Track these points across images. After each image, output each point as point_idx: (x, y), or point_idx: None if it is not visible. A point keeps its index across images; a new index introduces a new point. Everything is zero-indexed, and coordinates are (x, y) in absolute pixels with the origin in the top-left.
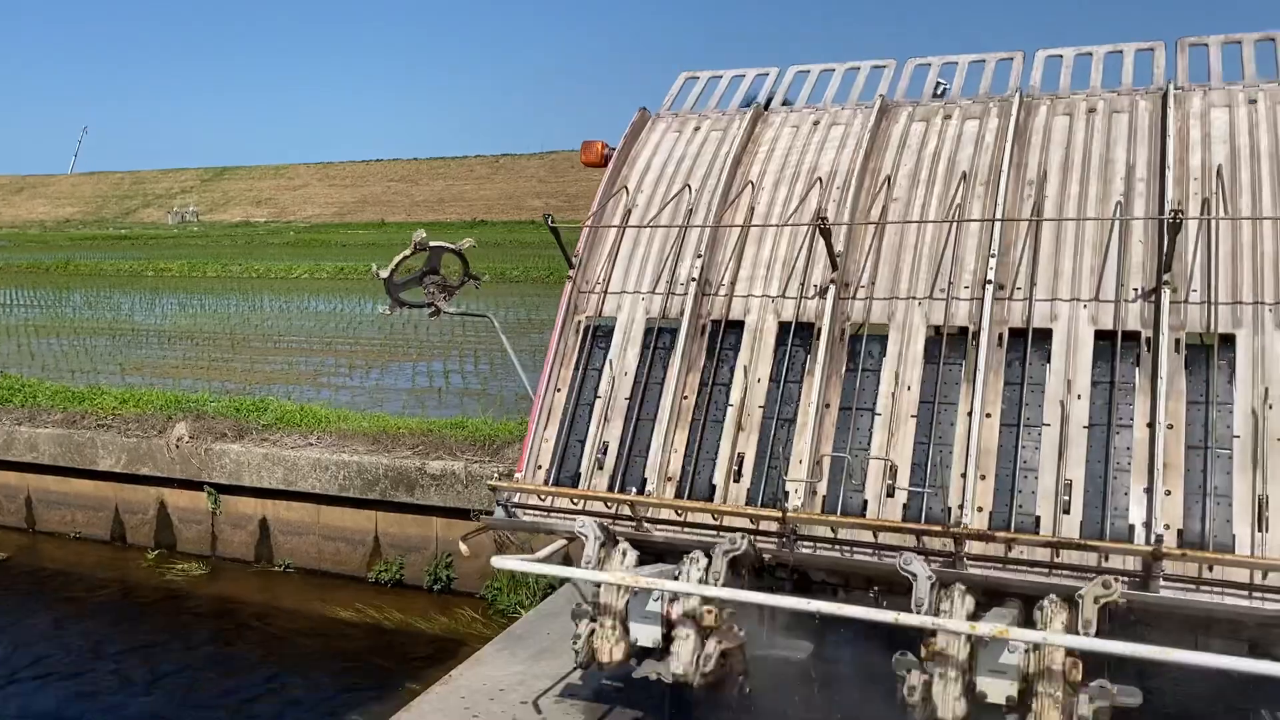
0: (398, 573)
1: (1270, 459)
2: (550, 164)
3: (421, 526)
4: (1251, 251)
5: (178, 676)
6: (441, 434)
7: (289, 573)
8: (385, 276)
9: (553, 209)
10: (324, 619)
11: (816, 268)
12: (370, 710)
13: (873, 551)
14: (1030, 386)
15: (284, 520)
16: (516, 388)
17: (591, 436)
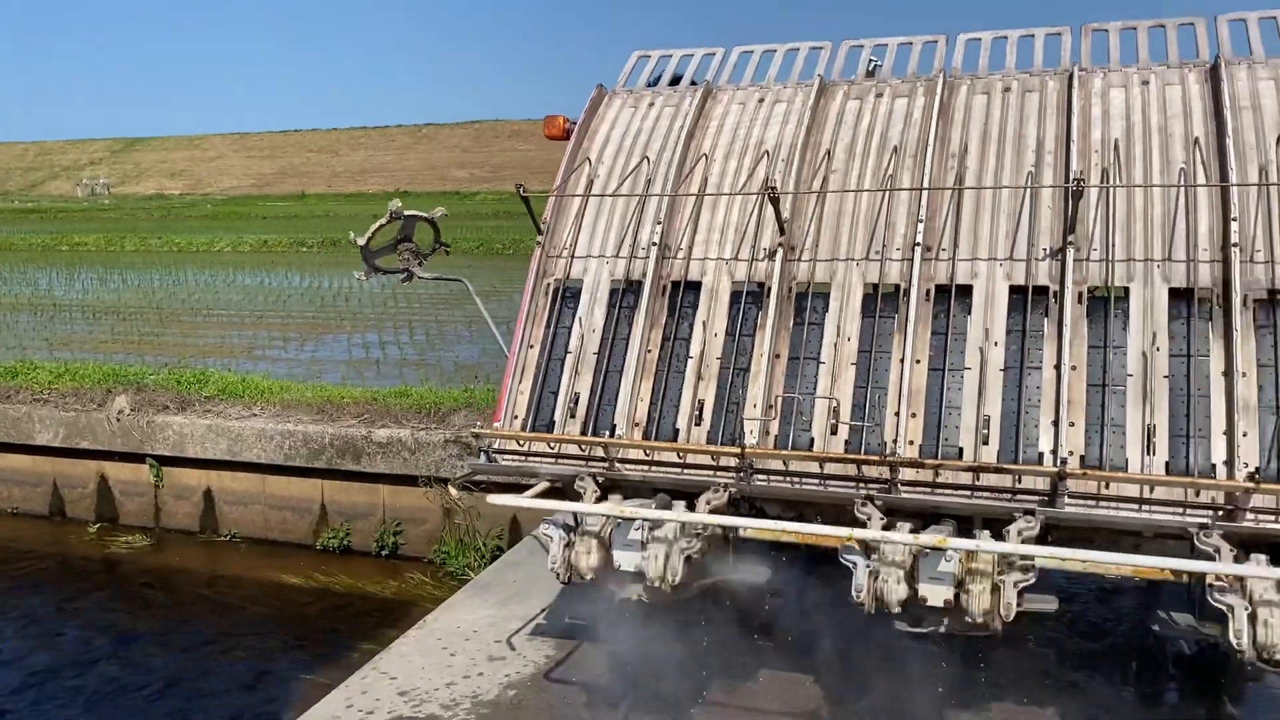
0: (345, 539)
1: (1157, 394)
2: (475, 134)
3: (368, 494)
4: (1143, 215)
5: (126, 645)
6: (386, 403)
7: (235, 542)
8: (362, 244)
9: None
10: (273, 585)
11: (765, 233)
12: (326, 670)
13: (819, 482)
14: (954, 336)
15: (229, 491)
16: (454, 357)
17: (564, 388)
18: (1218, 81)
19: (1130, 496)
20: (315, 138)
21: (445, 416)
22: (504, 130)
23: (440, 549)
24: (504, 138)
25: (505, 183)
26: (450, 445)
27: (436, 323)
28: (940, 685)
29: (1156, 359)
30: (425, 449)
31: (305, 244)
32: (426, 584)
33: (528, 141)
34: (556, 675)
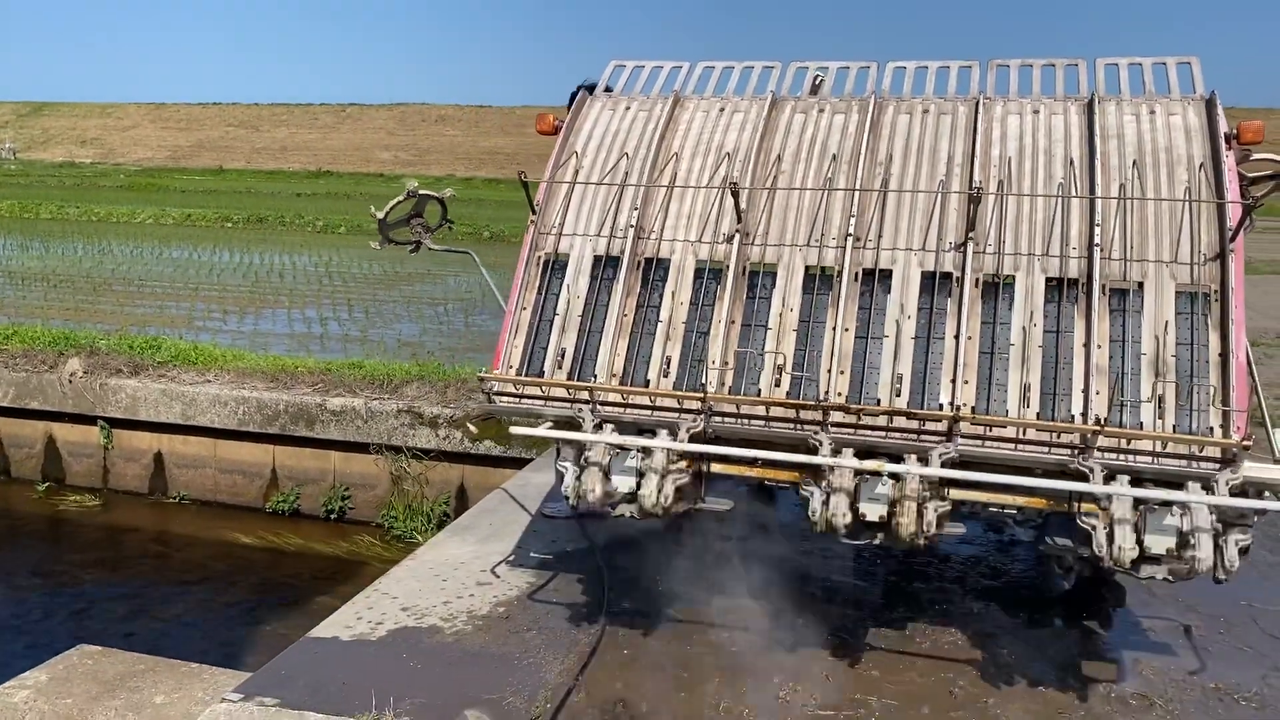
0: (294, 503)
1: (1032, 359)
2: (400, 116)
3: (319, 460)
4: (1028, 219)
5: (77, 599)
6: (340, 373)
7: (184, 504)
8: (381, 218)
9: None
10: (224, 544)
11: (725, 221)
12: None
13: (765, 424)
14: (876, 310)
15: (180, 454)
16: (396, 335)
17: (552, 344)
18: (1092, 114)
19: (1009, 438)
20: (235, 112)
21: (398, 388)
22: (430, 114)
23: (388, 514)
24: (430, 122)
25: (430, 166)
26: (403, 415)
27: (375, 301)
28: (864, 610)
29: (1033, 333)
30: (378, 418)
31: (229, 220)
32: (375, 545)
33: (454, 126)
34: (539, 597)
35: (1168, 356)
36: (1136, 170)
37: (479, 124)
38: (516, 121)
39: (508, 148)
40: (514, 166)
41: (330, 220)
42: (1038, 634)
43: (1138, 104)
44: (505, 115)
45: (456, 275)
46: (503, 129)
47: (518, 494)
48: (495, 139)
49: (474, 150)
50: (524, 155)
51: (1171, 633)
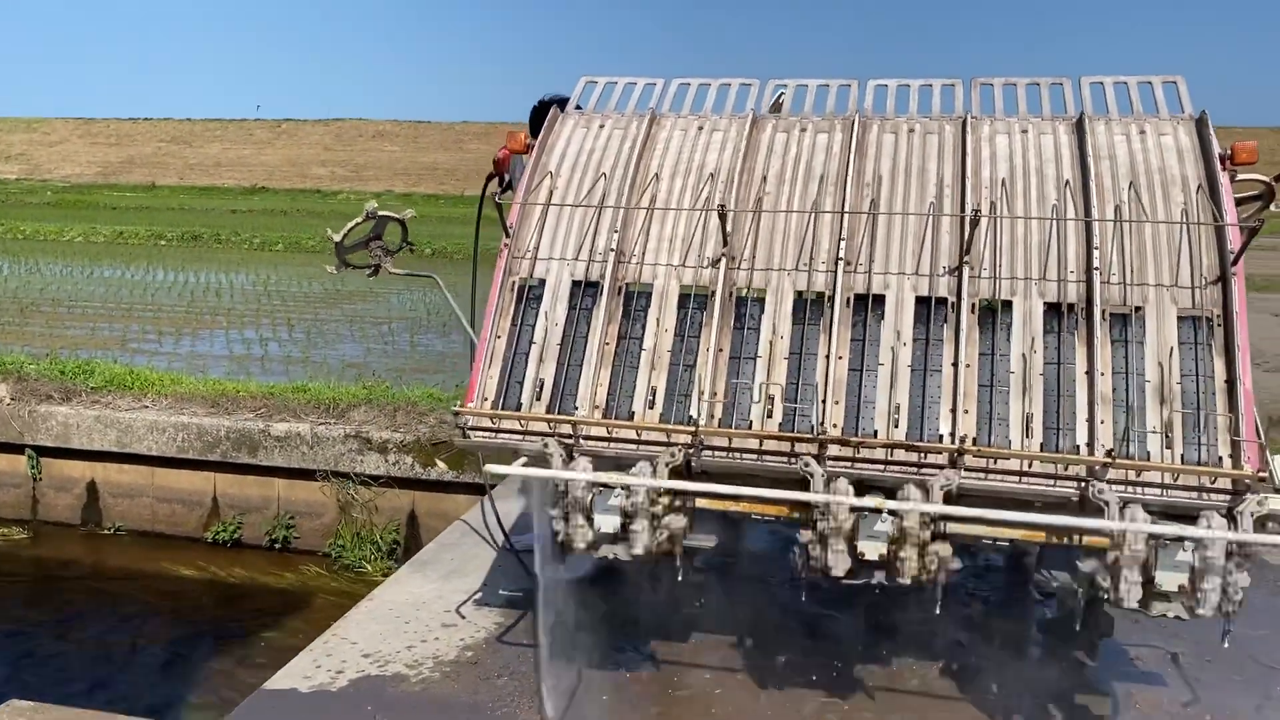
0: (236, 532)
1: (1033, 388)
2: (336, 132)
3: (263, 487)
4: (1023, 242)
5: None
6: (284, 397)
7: (120, 535)
8: (338, 241)
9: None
10: (162, 577)
11: (708, 244)
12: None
13: (757, 457)
14: (870, 338)
15: (115, 483)
16: (340, 356)
17: (530, 374)
18: (1082, 134)
19: (1013, 470)
20: (167, 127)
21: (345, 412)
22: (367, 130)
23: (335, 543)
24: (367, 137)
25: (368, 183)
26: (350, 440)
27: (316, 321)
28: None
29: (1034, 360)
30: (324, 443)
31: (163, 237)
32: (323, 576)
33: (391, 142)
34: (509, 639)
35: (1173, 384)
36: (1133, 191)
37: (417, 140)
38: (455, 137)
39: (447, 163)
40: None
41: (267, 237)
42: (1025, 667)
43: (1127, 124)
44: (444, 131)
45: (399, 294)
46: (441, 145)
47: (480, 526)
48: (434, 155)
49: (412, 166)
50: (463, 171)
51: (1160, 661)
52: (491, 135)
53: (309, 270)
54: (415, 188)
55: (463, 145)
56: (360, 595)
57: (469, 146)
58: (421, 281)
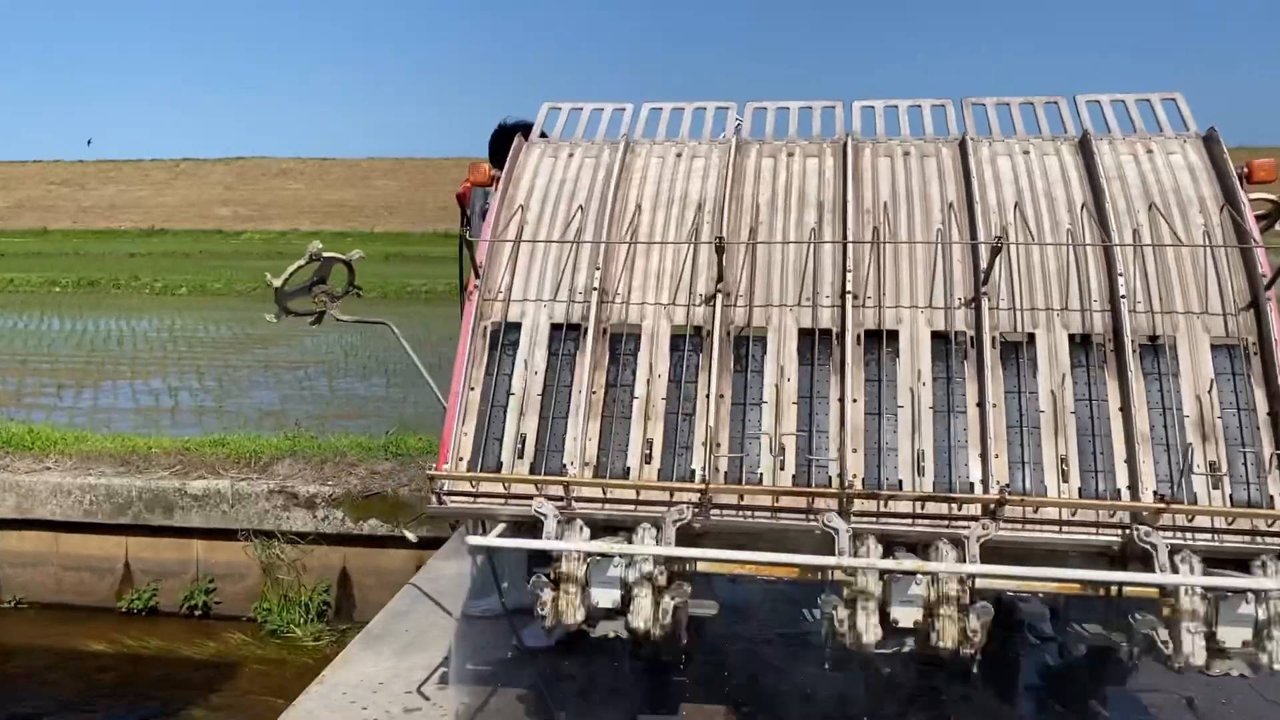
0: (151, 600)
1: (1067, 428)
2: (238, 170)
3: (179, 550)
4: (1040, 269)
5: None
6: (200, 452)
7: (22, 608)
8: (277, 286)
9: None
10: (72, 652)
11: (700, 279)
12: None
13: (770, 515)
14: (886, 378)
15: (15, 552)
16: (256, 404)
17: (509, 430)
18: (1089, 154)
19: (1052, 519)
20: (58, 169)
21: (267, 466)
22: (270, 168)
23: (261, 606)
24: (270, 175)
25: (272, 222)
26: (275, 496)
27: (228, 367)
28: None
29: (1064, 396)
30: (246, 500)
31: (58, 283)
32: (248, 643)
33: (296, 180)
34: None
35: (1214, 419)
36: (1155, 213)
37: (323, 176)
38: (362, 174)
39: (354, 200)
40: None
41: (170, 281)
42: None
43: (1132, 143)
44: (350, 167)
45: (313, 336)
46: (348, 181)
47: (432, 590)
48: (341, 191)
49: (319, 203)
50: (371, 208)
51: (1175, 707)
52: (399, 171)
53: (216, 314)
54: (322, 225)
55: (370, 181)
56: (291, 663)
57: (376, 183)
58: (338, 325)
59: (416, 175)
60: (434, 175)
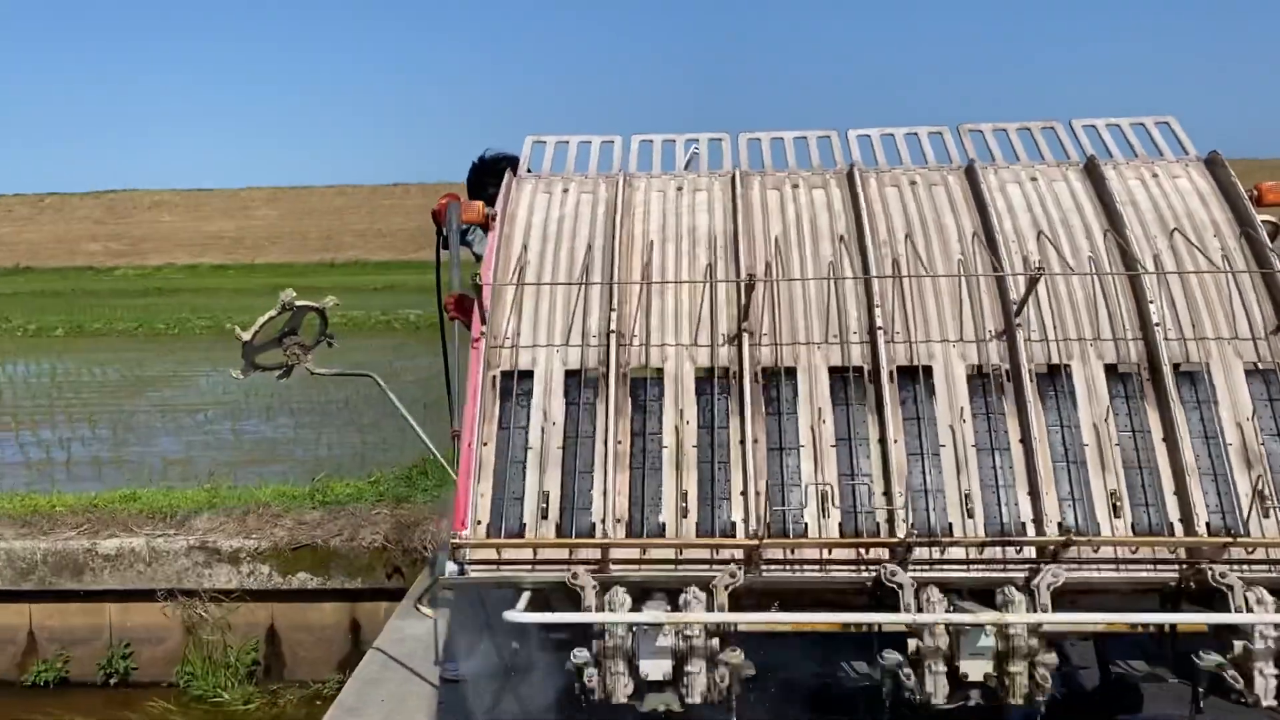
0: (62, 670)
1: (1114, 462)
2: (108, 204)
3: (90, 615)
4: (1068, 299)
5: None
6: (110, 508)
7: None
8: (247, 340)
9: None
10: None
11: (720, 318)
12: None
13: (819, 568)
14: (926, 417)
15: None
16: (159, 452)
17: (531, 487)
18: (1098, 180)
19: (1108, 559)
20: None
21: (185, 520)
22: (143, 200)
23: (184, 670)
24: (143, 208)
25: (147, 256)
26: (195, 552)
27: (121, 413)
28: None
29: (1108, 431)
30: (164, 558)
31: None
32: (171, 711)
33: (170, 212)
34: None
35: (1256, 446)
36: (1176, 238)
37: (199, 208)
38: (241, 204)
39: (233, 231)
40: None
41: (44, 322)
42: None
43: (1136, 167)
44: (229, 198)
45: (208, 375)
46: (225, 212)
47: (398, 653)
48: (219, 223)
49: (196, 236)
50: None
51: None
52: (279, 200)
53: (99, 355)
54: (200, 258)
55: (249, 212)
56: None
57: (256, 213)
58: (231, 358)
59: (298, 204)
60: (316, 204)
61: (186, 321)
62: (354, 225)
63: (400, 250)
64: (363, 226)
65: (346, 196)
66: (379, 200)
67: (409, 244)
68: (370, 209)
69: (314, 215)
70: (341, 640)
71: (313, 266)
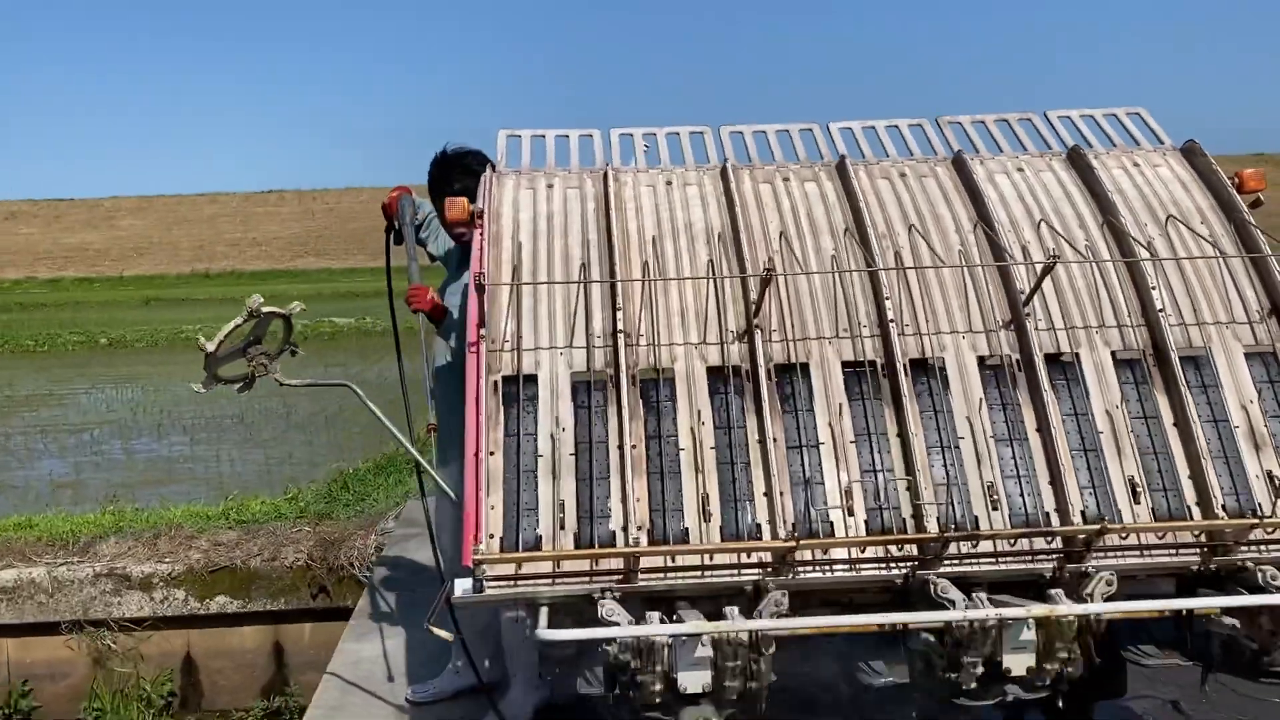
0: None
1: (1126, 449)
2: None
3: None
4: (1071, 288)
5: None
6: (4, 537)
7: None
8: (211, 351)
9: None
10: None
11: (728, 315)
12: None
13: (849, 567)
14: (942, 409)
15: None
16: (46, 474)
17: (544, 497)
18: (1084, 170)
19: (1132, 545)
20: None
21: (89, 547)
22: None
23: (92, 705)
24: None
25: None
26: (102, 580)
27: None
28: None
29: (1118, 416)
30: (67, 588)
31: None
32: None
33: (28, 224)
34: None
35: (1263, 428)
36: (1166, 227)
37: (60, 219)
38: (105, 214)
39: (98, 242)
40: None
41: None
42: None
43: (1117, 156)
44: (91, 208)
45: (88, 391)
46: (89, 223)
47: (355, 677)
48: (81, 234)
49: (56, 248)
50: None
51: (1164, 711)
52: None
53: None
54: (63, 271)
55: (114, 222)
56: None
57: (122, 223)
58: (112, 374)
59: (167, 213)
60: (187, 212)
61: (57, 337)
62: (227, 234)
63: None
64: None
65: (219, 205)
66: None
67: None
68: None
69: (185, 225)
70: (264, 665)
71: (185, 278)
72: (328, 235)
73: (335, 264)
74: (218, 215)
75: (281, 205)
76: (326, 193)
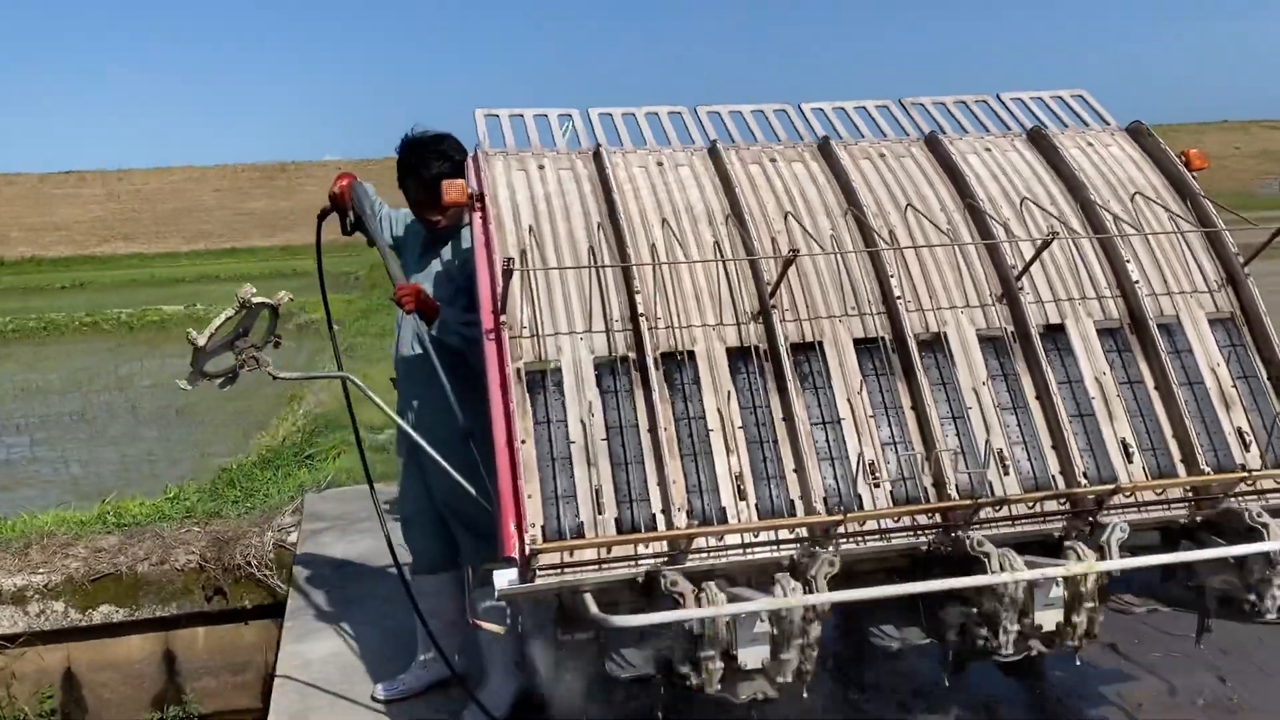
0: None
1: (1118, 413)
2: None
3: None
4: (1051, 263)
5: None
6: None
7: None
8: (202, 344)
9: None
10: None
11: (741, 295)
12: None
13: (880, 537)
14: (949, 383)
15: None
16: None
17: (581, 484)
18: (1047, 150)
19: (1129, 504)
20: None
21: (23, 551)
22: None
23: None
24: None
25: None
26: None
27: None
28: None
29: (1107, 383)
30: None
31: None
32: None
33: None
34: None
35: (1230, 389)
36: (1135, 204)
37: None
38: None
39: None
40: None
41: None
42: None
43: (1072, 137)
44: None
45: None
46: None
47: (310, 678)
48: None
49: None
50: None
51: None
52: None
53: None
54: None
55: None
56: None
57: (19, 201)
58: None
59: None
60: None
61: (27, 323)
62: (24, 218)
63: (80, 245)
64: (34, 219)
65: (15, 186)
66: (49, 190)
67: (90, 237)
68: (40, 199)
69: None
70: (154, 675)
71: None
72: (136, 218)
73: (147, 249)
74: (13, 198)
75: (82, 186)
76: (132, 173)
